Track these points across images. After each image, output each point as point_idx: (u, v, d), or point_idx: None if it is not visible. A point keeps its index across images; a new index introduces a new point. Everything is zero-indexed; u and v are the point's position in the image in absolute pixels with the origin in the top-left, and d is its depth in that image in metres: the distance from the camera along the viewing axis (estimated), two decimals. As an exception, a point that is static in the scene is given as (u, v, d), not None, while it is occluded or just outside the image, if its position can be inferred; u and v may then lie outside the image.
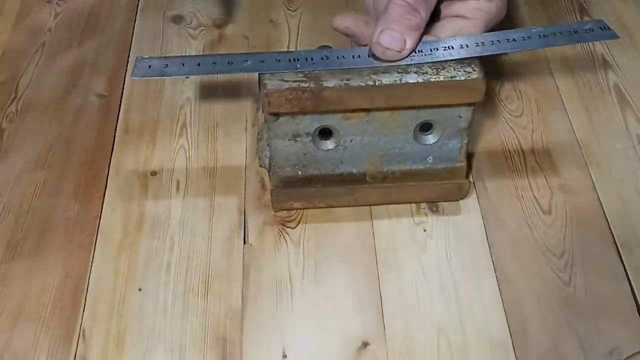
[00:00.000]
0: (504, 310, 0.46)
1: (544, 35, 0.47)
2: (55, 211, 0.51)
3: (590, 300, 0.46)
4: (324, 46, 0.48)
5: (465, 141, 0.49)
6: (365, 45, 0.48)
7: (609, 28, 0.48)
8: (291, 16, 0.65)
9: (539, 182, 0.53)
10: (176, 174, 0.54)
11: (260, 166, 0.51)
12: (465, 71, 0.45)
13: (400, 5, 0.46)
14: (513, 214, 0.51)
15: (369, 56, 0.46)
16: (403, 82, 0.45)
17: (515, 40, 0.47)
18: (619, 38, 0.50)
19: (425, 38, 0.47)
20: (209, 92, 0.59)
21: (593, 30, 0.48)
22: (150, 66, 0.46)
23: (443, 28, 0.47)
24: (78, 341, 0.45)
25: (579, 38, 0.48)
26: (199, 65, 0.46)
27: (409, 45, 0.46)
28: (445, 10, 0.48)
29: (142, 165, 0.54)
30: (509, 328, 0.45)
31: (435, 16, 0.48)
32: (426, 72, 0.45)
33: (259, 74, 0.46)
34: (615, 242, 0.49)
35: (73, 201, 0.52)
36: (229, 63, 0.46)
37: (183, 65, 0.46)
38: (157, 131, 0.56)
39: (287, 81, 0.45)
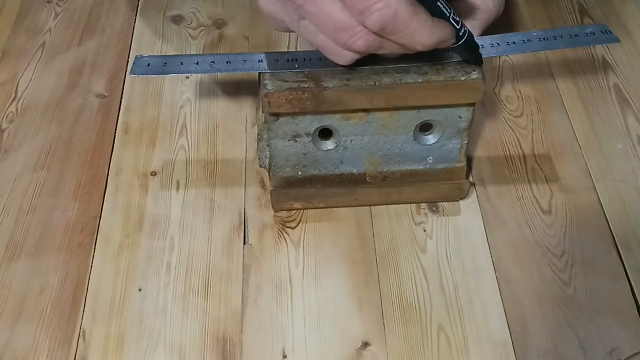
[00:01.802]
0: (504, 310, 0.46)
1: (544, 39, 0.47)
2: (55, 211, 0.51)
3: (590, 300, 0.46)
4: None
5: (466, 141, 0.49)
6: None
7: (611, 32, 0.48)
8: (291, 16, 0.65)
9: (539, 182, 0.53)
10: (176, 174, 0.54)
11: (260, 166, 0.51)
12: (465, 71, 0.45)
13: None
14: (513, 214, 0.51)
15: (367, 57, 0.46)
16: (403, 82, 0.45)
17: (515, 44, 0.47)
18: (620, 42, 0.50)
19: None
20: (208, 92, 0.59)
21: (594, 33, 0.48)
22: (149, 64, 0.46)
23: None
24: (78, 341, 0.45)
25: (580, 41, 0.48)
26: (197, 64, 0.46)
27: None
28: None
29: (142, 165, 0.54)
30: (509, 328, 0.45)
31: None
32: (426, 72, 0.45)
33: (259, 73, 0.46)
34: (615, 242, 0.49)
35: (73, 201, 0.52)
36: (227, 62, 0.46)
37: (181, 64, 0.46)
38: (157, 131, 0.56)
39: (287, 81, 0.45)
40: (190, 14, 0.66)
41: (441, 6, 0.41)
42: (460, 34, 0.43)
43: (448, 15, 0.42)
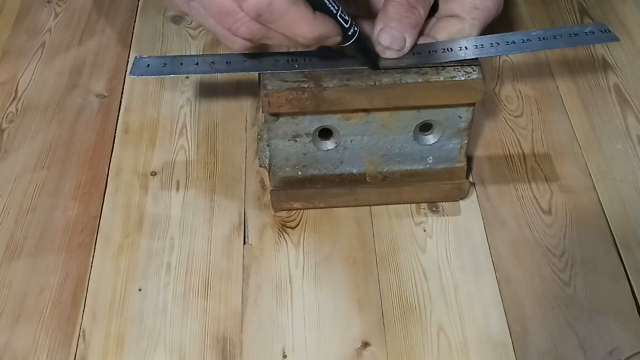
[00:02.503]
0: (504, 310, 0.46)
1: (543, 38, 0.47)
2: (55, 211, 0.51)
3: (590, 300, 0.46)
4: (324, 46, 0.48)
5: (465, 141, 0.49)
6: None
7: (610, 31, 0.48)
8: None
9: (539, 182, 0.53)
10: (176, 174, 0.54)
11: (260, 166, 0.51)
12: (465, 71, 0.45)
13: (398, 3, 0.46)
14: (513, 214, 0.51)
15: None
16: (403, 82, 0.45)
17: (514, 43, 0.47)
18: (619, 41, 0.50)
19: (423, 39, 0.47)
20: (208, 92, 0.59)
21: (594, 33, 0.48)
22: (148, 65, 0.46)
23: (440, 29, 0.47)
24: (78, 341, 0.45)
25: (579, 41, 0.48)
26: (197, 64, 0.46)
27: (409, 43, 0.46)
28: (442, 6, 0.48)
29: (142, 165, 0.54)
30: (509, 328, 0.45)
31: (432, 11, 0.48)
32: (426, 73, 0.45)
33: (259, 74, 0.46)
34: (615, 242, 0.49)
35: (73, 201, 0.52)
36: (227, 63, 0.46)
37: (181, 64, 0.46)
38: (157, 131, 0.56)
39: (287, 81, 0.45)
40: (190, 14, 0.66)
41: (327, 3, 0.41)
42: (350, 33, 0.43)
43: (335, 12, 0.42)
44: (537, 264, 0.48)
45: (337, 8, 0.42)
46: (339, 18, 0.42)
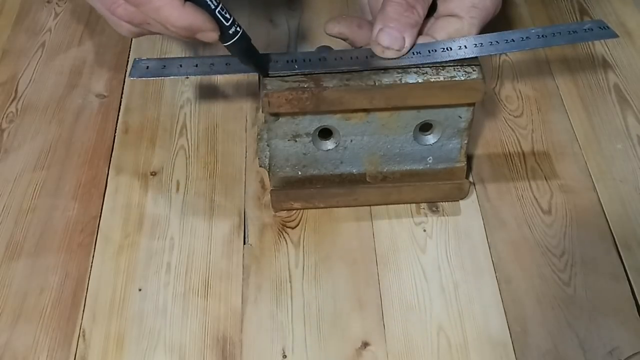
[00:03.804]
0: (504, 310, 0.46)
1: (542, 36, 0.47)
2: (55, 211, 0.51)
3: (590, 300, 0.46)
4: (324, 47, 0.48)
5: (465, 141, 0.49)
6: (361, 47, 0.48)
7: (609, 27, 0.48)
8: (291, 16, 0.65)
9: (539, 182, 0.53)
10: (176, 174, 0.54)
11: (260, 166, 0.51)
12: (465, 71, 0.45)
13: (397, 3, 0.46)
14: (513, 214, 0.51)
15: (366, 57, 0.46)
16: (403, 82, 0.45)
17: (513, 41, 0.47)
18: (618, 37, 0.50)
19: (422, 39, 0.47)
20: (208, 93, 0.59)
21: (592, 29, 0.48)
22: (147, 67, 0.46)
23: (439, 29, 0.47)
24: (78, 341, 0.45)
25: (578, 38, 0.48)
26: (196, 66, 0.46)
27: (408, 43, 0.46)
28: (441, 6, 0.48)
29: (142, 165, 0.54)
30: (509, 328, 0.45)
31: (430, 10, 0.48)
32: (426, 73, 0.45)
33: (259, 74, 0.46)
34: (615, 242, 0.49)
35: (73, 201, 0.52)
36: (226, 64, 0.46)
37: (181, 66, 0.46)
38: (157, 131, 0.56)
39: (287, 82, 0.45)
40: (190, 14, 0.66)
41: None
42: (230, 32, 0.43)
43: (213, 7, 0.42)
44: (537, 264, 0.48)
45: (215, 4, 0.42)
46: (218, 14, 0.42)
